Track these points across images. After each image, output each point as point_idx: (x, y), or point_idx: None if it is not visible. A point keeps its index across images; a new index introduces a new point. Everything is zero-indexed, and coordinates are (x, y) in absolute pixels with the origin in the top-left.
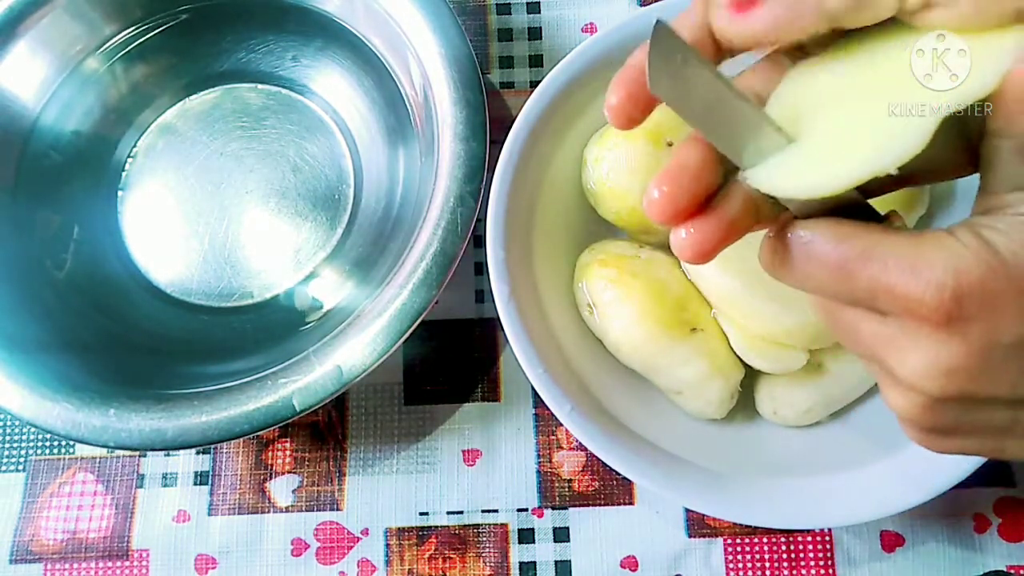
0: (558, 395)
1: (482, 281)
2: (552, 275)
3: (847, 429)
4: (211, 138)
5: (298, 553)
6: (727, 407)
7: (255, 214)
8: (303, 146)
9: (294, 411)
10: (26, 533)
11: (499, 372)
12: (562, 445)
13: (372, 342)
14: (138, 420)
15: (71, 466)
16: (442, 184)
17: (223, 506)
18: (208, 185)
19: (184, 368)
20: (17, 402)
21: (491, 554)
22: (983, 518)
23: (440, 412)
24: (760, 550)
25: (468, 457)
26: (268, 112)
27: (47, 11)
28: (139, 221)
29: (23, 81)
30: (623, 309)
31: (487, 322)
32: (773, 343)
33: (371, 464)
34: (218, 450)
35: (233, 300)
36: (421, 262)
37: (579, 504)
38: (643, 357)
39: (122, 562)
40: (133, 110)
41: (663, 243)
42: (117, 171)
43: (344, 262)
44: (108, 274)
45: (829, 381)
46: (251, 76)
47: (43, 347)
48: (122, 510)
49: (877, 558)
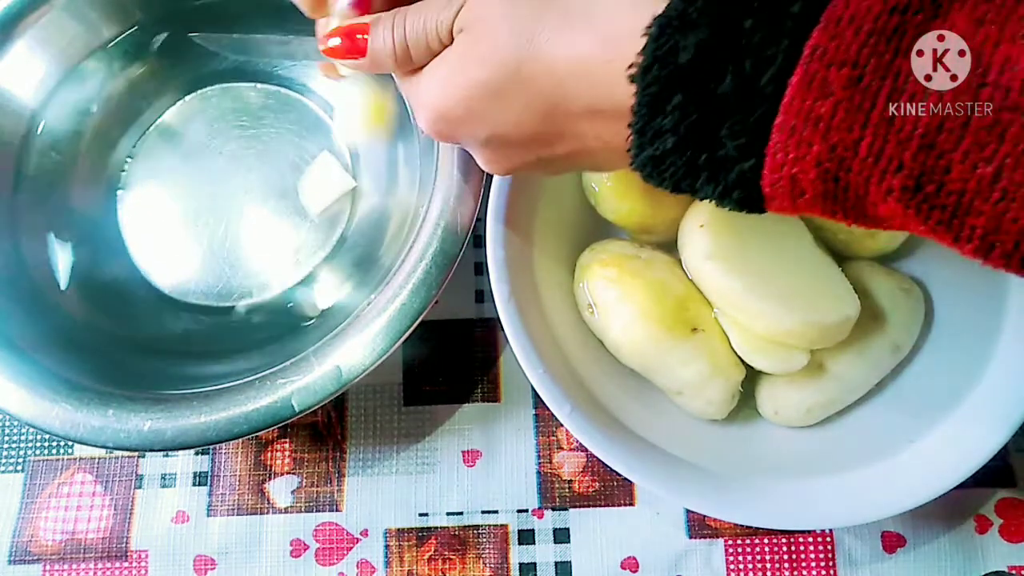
0: (558, 395)
1: (482, 281)
2: (552, 275)
3: (848, 430)
4: (210, 138)
5: (297, 554)
6: (728, 407)
7: (254, 214)
8: (302, 146)
9: (293, 411)
10: (25, 534)
11: (499, 372)
12: (562, 446)
13: (372, 342)
14: (137, 421)
15: (70, 467)
16: (442, 184)
17: (222, 507)
18: (207, 185)
19: (183, 368)
20: (16, 402)
21: (491, 555)
22: (984, 519)
23: (440, 412)
24: (761, 551)
25: (468, 458)
26: (267, 111)
27: (46, 11)
28: (138, 221)
29: (22, 81)
30: (624, 309)
31: (487, 322)
32: (774, 343)
33: (371, 465)
34: (217, 451)
35: (232, 300)
36: (421, 262)
37: (579, 505)
38: (644, 357)
39: (121, 563)
40: (132, 110)
41: (664, 243)
42: (116, 171)
43: (344, 262)
44: (107, 274)
45: (830, 382)
46: (250, 75)
47: (42, 347)
48: (121, 511)
49: (878, 559)
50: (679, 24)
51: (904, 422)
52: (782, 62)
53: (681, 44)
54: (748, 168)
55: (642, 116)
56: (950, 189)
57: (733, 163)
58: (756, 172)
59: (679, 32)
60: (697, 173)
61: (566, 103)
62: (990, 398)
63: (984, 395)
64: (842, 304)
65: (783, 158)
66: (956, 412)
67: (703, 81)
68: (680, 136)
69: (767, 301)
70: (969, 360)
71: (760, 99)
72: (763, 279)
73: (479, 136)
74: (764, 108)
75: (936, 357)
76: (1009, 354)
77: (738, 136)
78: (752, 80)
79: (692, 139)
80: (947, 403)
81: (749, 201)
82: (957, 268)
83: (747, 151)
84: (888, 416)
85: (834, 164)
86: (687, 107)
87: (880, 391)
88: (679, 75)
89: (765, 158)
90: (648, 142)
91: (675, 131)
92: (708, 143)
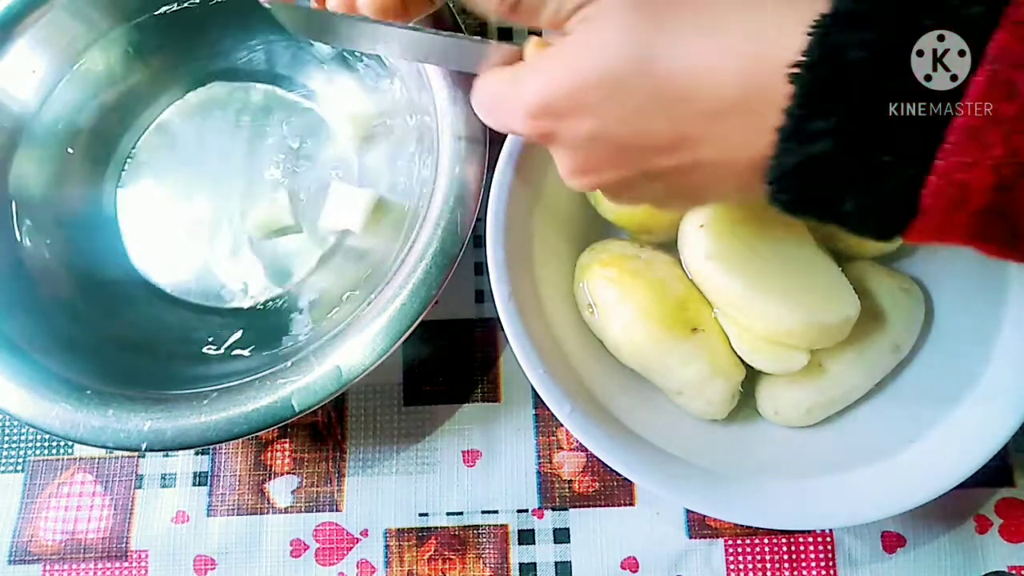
0: (558, 395)
1: (482, 281)
2: (552, 275)
3: (848, 430)
4: (210, 137)
5: (297, 554)
6: (728, 407)
7: (254, 213)
8: (302, 146)
9: (293, 411)
10: (25, 534)
11: (499, 372)
12: (562, 446)
13: (372, 342)
14: (137, 421)
15: (70, 467)
16: (442, 184)
17: (222, 507)
18: (207, 184)
19: (183, 368)
20: (16, 402)
21: (491, 555)
22: (984, 519)
23: (440, 413)
24: (761, 551)
25: (468, 458)
26: (268, 111)
27: (46, 10)
28: (138, 220)
29: (22, 80)
30: (624, 309)
31: (487, 322)
32: (775, 343)
33: (370, 465)
34: (217, 451)
35: (232, 300)
36: (421, 262)
37: (579, 505)
38: (644, 357)
39: (121, 563)
40: (132, 109)
41: (664, 243)
42: (116, 170)
43: (343, 262)
44: (107, 274)
45: (830, 382)
46: (251, 75)
47: (42, 347)
48: (121, 511)
49: (878, 559)
50: (849, 21)
51: (904, 422)
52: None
53: (850, 41)
54: (913, 173)
55: (798, 117)
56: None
57: (896, 168)
58: (920, 180)
59: (850, 29)
60: (849, 182)
61: (695, 101)
62: (990, 398)
63: (984, 395)
64: (842, 304)
65: (957, 162)
66: (956, 412)
67: (874, 81)
68: (841, 139)
69: (767, 301)
70: (969, 360)
71: (939, 99)
72: (763, 279)
73: (582, 131)
74: (943, 108)
75: (936, 357)
76: (1009, 354)
77: (909, 139)
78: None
79: (854, 142)
80: (947, 403)
81: (898, 216)
82: (957, 268)
83: (916, 155)
84: (888, 416)
85: (1012, 169)
86: (853, 108)
87: (880, 391)
88: (848, 73)
89: (934, 162)
90: (797, 146)
91: (836, 133)
92: (872, 147)
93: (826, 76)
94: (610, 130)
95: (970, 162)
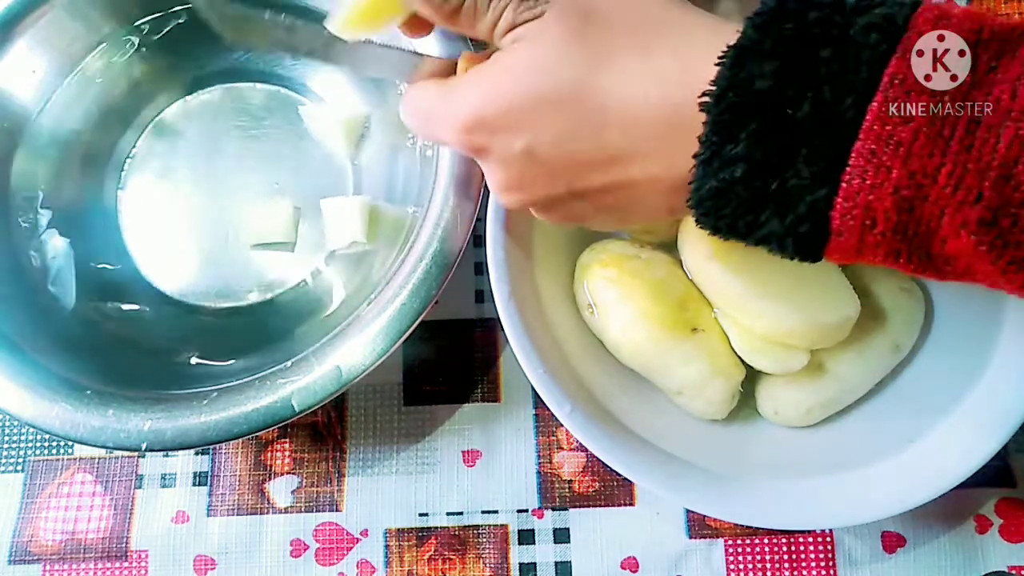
0: (558, 395)
1: (482, 281)
2: (552, 275)
3: (848, 430)
4: (210, 137)
5: (297, 554)
6: (728, 407)
7: (255, 213)
8: (302, 145)
9: (293, 411)
10: (25, 534)
11: (499, 372)
12: (562, 446)
13: (372, 342)
14: (137, 421)
15: (70, 467)
16: (442, 184)
17: (222, 507)
18: (207, 185)
19: (183, 368)
20: (16, 402)
21: (491, 555)
22: (984, 519)
23: (440, 413)
24: (761, 551)
25: (468, 458)
26: (268, 111)
27: (46, 10)
28: (138, 221)
29: (22, 80)
30: (624, 309)
31: (487, 322)
32: (775, 343)
33: (371, 465)
34: (217, 451)
35: (232, 300)
36: (421, 262)
37: (579, 505)
38: (644, 357)
39: (121, 563)
40: (132, 109)
41: (664, 243)
42: (116, 170)
43: (343, 262)
44: (107, 273)
45: (830, 382)
46: (251, 75)
47: (42, 347)
48: (121, 511)
49: (878, 559)
50: (754, 53)
51: (904, 422)
52: (862, 88)
53: (757, 72)
54: (821, 197)
55: (711, 144)
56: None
57: (805, 191)
58: (828, 202)
59: (755, 61)
60: (763, 205)
61: (625, 124)
62: (990, 398)
63: (984, 395)
64: (842, 304)
65: (860, 184)
66: (956, 412)
67: (779, 108)
68: (751, 164)
69: (767, 301)
70: (969, 360)
71: (839, 124)
72: (763, 279)
73: (514, 147)
74: (843, 133)
75: (936, 357)
76: (1009, 354)
77: (815, 162)
78: (831, 106)
79: (764, 167)
80: (947, 403)
81: (814, 237)
82: None
83: (822, 178)
84: (888, 416)
85: (912, 191)
86: (762, 134)
87: (880, 391)
88: (755, 102)
89: (840, 185)
90: (714, 172)
91: (747, 159)
92: (780, 171)
93: (734, 104)
94: (543, 148)
95: (871, 184)
